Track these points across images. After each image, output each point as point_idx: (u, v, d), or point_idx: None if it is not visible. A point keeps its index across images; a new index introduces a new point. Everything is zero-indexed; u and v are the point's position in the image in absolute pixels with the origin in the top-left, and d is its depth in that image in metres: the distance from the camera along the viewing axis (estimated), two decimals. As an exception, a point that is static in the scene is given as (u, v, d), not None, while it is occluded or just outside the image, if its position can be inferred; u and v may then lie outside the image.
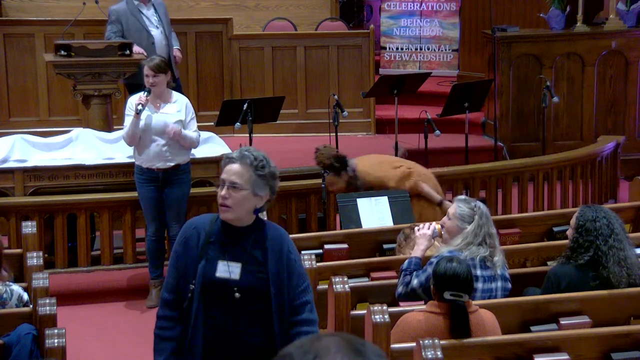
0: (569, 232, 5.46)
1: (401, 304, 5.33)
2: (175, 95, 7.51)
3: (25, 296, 5.33)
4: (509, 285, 5.40)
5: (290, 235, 4.04)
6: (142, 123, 7.31)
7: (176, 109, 7.37)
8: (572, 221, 5.43)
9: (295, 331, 4.00)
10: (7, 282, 5.35)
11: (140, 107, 7.24)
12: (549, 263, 5.99)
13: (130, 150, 8.30)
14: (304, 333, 3.96)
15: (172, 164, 7.41)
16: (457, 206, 5.46)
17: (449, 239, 5.43)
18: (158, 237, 7.55)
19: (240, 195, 3.98)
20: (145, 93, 7.31)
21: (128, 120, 7.36)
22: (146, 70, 7.33)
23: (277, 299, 4.01)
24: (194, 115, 7.51)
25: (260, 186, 4.00)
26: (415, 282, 5.28)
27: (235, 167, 4.00)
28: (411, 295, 5.31)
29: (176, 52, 9.48)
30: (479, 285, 5.21)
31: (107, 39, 9.17)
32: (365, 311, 4.77)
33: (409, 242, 6.08)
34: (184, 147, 7.44)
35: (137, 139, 7.35)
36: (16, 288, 5.31)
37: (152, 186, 7.41)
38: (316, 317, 4.08)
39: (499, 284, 5.34)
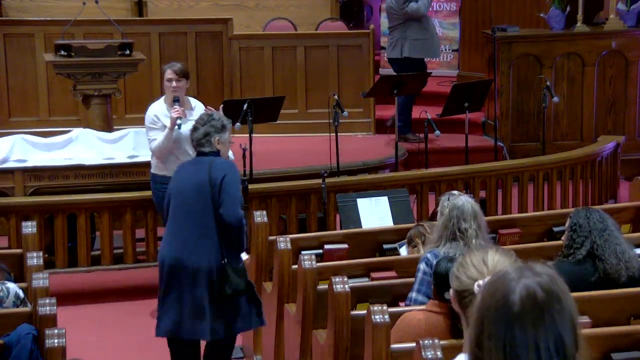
0: (564, 236, 5.50)
1: (401, 303, 5.32)
2: (193, 101, 7.32)
3: (22, 293, 5.33)
4: None
5: (290, 235, 4.00)
6: (174, 134, 6.99)
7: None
8: (566, 223, 5.47)
9: None
10: (3, 281, 5.36)
11: (179, 120, 6.93)
12: (549, 263, 5.98)
13: (130, 150, 8.30)
14: None
15: None
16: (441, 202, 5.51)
17: None
18: None
19: None
20: (177, 104, 7.00)
21: (155, 134, 7.04)
22: (170, 74, 7.05)
23: None
24: None
25: None
26: (419, 297, 5.19)
27: None
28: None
29: None
30: None
31: None
32: (365, 311, 4.76)
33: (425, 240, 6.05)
34: None
35: (167, 152, 7.05)
36: (12, 286, 5.32)
37: None
38: None
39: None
